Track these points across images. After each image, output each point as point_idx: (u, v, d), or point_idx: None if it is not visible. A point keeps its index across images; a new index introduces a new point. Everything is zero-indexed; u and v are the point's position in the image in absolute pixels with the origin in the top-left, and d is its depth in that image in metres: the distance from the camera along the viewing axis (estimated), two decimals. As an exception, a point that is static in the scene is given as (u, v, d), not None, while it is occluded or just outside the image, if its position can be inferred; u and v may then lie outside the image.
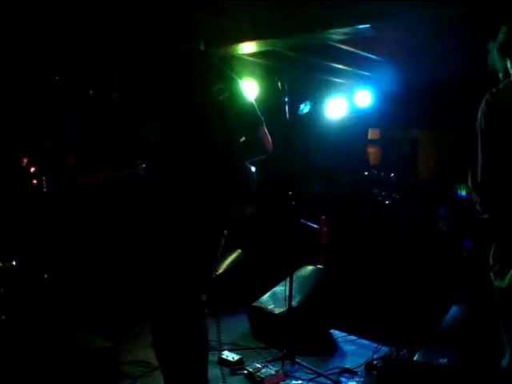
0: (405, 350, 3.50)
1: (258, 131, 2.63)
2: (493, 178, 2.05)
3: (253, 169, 2.74)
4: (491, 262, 2.12)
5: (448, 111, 5.53)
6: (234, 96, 2.60)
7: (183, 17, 2.67)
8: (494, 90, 2.11)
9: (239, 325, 4.47)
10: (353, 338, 4.32)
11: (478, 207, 2.14)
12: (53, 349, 3.09)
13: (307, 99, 5.61)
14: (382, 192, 4.91)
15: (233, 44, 4.35)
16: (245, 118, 2.61)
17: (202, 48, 2.72)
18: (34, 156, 3.92)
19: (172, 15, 2.67)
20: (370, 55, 4.92)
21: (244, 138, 2.64)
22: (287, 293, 3.86)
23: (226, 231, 2.70)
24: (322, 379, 3.50)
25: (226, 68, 2.71)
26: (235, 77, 2.68)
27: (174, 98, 2.56)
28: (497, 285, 2.09)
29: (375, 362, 3.58)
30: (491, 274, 2.12)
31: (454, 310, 3.77)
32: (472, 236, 4.63)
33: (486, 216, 2.12)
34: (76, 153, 4.19)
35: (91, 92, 4.02)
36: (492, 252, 2.11)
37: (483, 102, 2.10)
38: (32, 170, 3.82)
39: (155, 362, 2.77)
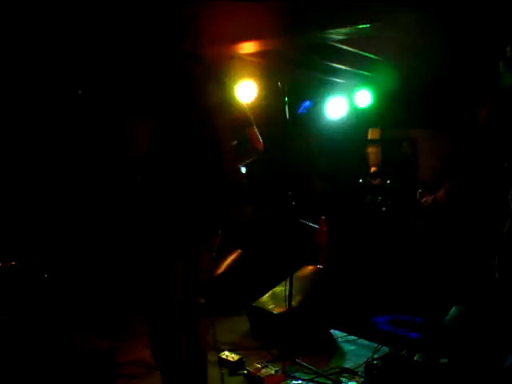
0: (405, 350, 3.50)
1: (249, 132, 2.67)
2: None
3: (243, 169, 2.77)
4: (497, 261, 2.12)
5: (448, 110, 5.52)
6: (225, 98, 2.62)
7: (171, 18, 2.68)
8: (498, 92, 2.13)
9: (239, 325, 4.47)
10: (353, 337, 4.32)
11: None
12: (52, 349, 3.08)
13: (307, 99, 5.62)
14: (377, 199, 4.95)
15: (233, 44, 4.35)
16: (236, 120, 2.64)
17: (193, 48, 2.72)
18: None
19: (160, 16, 2.68)
20: (370, 55, 4.91)
21: (236, 142, 2.68)
22: (287, 293, 3.86)
23: (220, 231, 2.72)
24: (322, 379, 3.51)
25: (217, 70, 2.72)
26: (226, 79, 2.70)
27: (166, 100, 2.56)
28: (502, 284, 2.09)
29: (375, 362, 3.57)
30: (496, 273, 2.12)
31: (454, 310, 3.76)
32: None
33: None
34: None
35: (80, 92, 3.96)
36: (498, 252, 2.11)
37: (488, 102, 2.12)
38: None
39: (155, 362, 2.77)
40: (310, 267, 4.69)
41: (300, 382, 3.46)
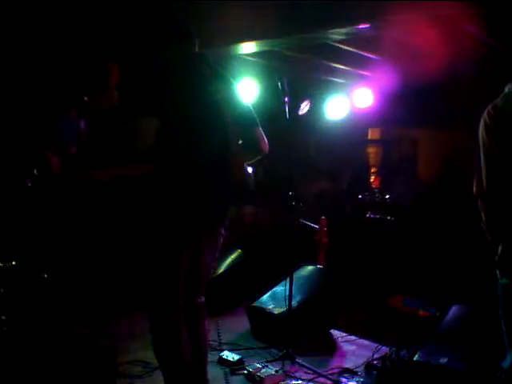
0: (405, 350, 3.50)
1: (254, 133, 2.65)
2: (498, 187, 2.08)
3: (250, 169, 2.76)
4: (497, 259, 2.12)
5: (448, 110, 5.53)
6: (230, 98, 2.62)
7: (175, 18, 2.69)
8: (495, 101, 2.14)
9: (239, 325, 4.46)
10: (353, 337, 4.32)
11: (482, 215, 2.17)
12: (52, 349, 3.08)
13: (307, 99, 5.62)
14: (377, 215, 4.95)
15: (233, 44, 4.35)
16: (241, 119, 2.63)
17: (197, 49, 2.73)
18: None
19: (163, 17, 2.69)
20: (369, 55, 4.91)
21: (241, 141, 2.66)
22: (287, 293, 3.86)
23: (223, 231, 2.72)
24: (322, 379, 3.50)
25: (222, 70, 2.72)
26: (231, 79, 2.70)
27: (171, 97, 2.57)
28: (502, 282, 2.10)
29: (375, 362, 3.58)
30: (497, 271, 2.13)
31: (454, 309, 3.76)
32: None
33: (489, 224, 2.16)
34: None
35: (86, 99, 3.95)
36: (499, 250, 2.12)
37: (485, 113, 2.13)
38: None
39: (155, 362, 2.77)
40: (310, 267, 4.69)
41: (300, 382, 3.46)
